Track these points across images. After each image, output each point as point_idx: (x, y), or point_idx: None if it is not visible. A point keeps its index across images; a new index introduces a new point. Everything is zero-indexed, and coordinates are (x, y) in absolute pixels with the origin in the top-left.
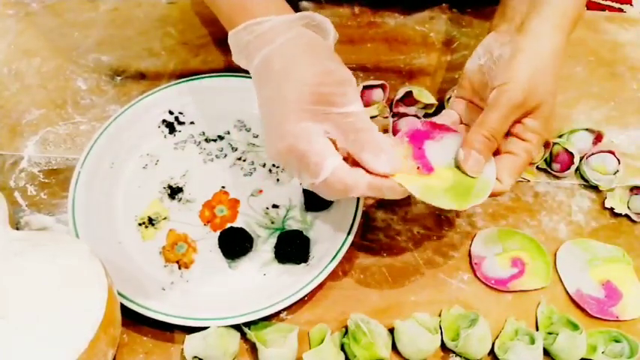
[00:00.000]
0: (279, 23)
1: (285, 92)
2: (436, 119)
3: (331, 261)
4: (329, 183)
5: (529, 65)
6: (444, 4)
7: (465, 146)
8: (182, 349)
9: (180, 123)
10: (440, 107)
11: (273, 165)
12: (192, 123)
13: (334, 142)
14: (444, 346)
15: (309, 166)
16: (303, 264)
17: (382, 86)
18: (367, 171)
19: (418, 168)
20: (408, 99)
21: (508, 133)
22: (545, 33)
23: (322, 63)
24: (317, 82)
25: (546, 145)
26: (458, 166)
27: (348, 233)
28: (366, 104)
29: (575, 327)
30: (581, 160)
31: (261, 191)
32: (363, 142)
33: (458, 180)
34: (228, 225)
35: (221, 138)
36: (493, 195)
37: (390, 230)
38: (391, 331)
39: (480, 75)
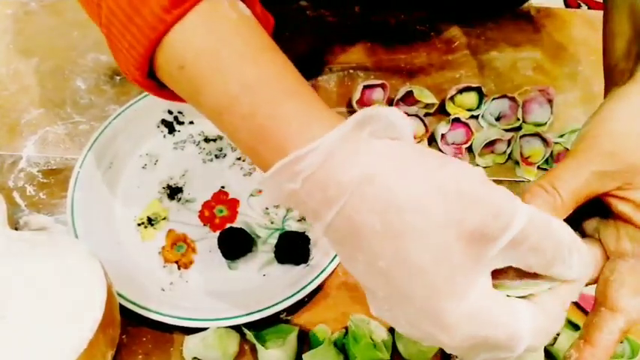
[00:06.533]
0: (332, 150)
1: (415, 254)
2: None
3: (331, 261)
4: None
5: (629, 110)
6: (443, 4)
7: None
8: (181, 350)
9: (180, 123)
10: (441, 107)
11: None
12: (191, 123)
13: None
14: None
15: (500, 340)
16: (303, 264)
17: (382, 86)
18: None
19: None
20: (409, 98)
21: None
22: None
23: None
24: (461, 220)
25: (547, 144)
26: None
27: None
28: (367, 104)
29: (575, 327)
30: None
31: (260, 191)
32: (551, 258)
33: None
34: (228, 225)
35: (220, 138)
36: None
37: None
38: (391, 331)
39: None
